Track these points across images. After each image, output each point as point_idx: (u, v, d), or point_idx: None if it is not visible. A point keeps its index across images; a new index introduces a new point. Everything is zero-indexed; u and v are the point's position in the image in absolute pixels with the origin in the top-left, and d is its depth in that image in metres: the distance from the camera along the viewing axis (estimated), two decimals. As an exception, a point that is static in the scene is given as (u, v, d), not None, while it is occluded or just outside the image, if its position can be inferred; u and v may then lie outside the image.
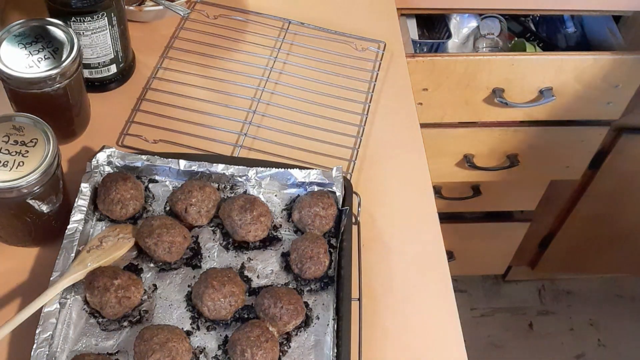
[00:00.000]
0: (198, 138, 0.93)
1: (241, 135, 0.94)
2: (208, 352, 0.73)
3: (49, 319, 0.71)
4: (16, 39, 0.82)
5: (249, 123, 0.95)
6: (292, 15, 1.09)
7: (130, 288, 0.73)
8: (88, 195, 0.80)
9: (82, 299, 0.75)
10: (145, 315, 0.75)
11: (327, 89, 1.00)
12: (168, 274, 0.78)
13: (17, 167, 0.72)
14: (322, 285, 0.78)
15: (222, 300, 0.73)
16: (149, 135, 0.92)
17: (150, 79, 0.99)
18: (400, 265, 0.84)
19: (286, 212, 0.85)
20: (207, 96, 0.98)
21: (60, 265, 0.75)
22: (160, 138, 0.92)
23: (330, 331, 0.75)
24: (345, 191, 0.84)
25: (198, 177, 0.85)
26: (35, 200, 0.75)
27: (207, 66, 1.02)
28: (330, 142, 0.94)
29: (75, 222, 0.78)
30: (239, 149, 0.92)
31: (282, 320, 0.73)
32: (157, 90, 0.98)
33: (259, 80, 1.01)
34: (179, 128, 0.94)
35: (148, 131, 0.93)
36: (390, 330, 0.78)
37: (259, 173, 0.85)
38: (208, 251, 0.81)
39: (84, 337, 0.73)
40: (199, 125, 0.94)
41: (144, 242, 0.77)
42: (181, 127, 0.94)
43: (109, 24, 0.89)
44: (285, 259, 0.80)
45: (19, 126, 0.75)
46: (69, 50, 0.81)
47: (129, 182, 0.81)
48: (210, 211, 0.82)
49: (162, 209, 0.83)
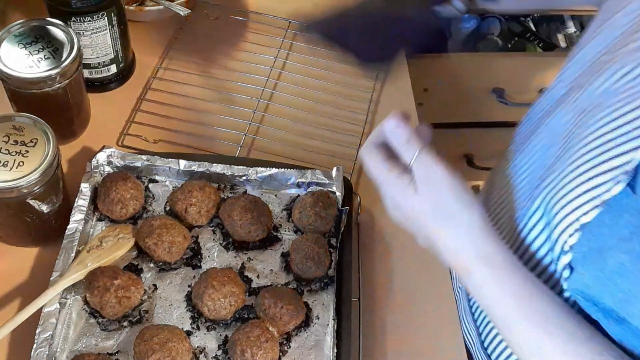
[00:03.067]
0: (199, 138, 0.93)
1: (243, 135, 0.94)
2: (208, 352, 0.73)
3: (49, 319, 0.71)
4: (16, 39, 0.82)
5: (250, 123, 0.95)
6: (294, 16, 1.09)
7: (130, 288, 0.73)
8: (88, 195, 0.80)
9: (82, 299, 0.75)
10: (145, 315, 0.75)
11: (328, 88, 1.00)
12: (168, 274, 0.78)
13: (17, 167, 0.72)
14: (322, 285, 0.78)
15: (222, 300, 0.73)
16: (150, 135, 0.92)
17: (150, 78, 0.99)
18: (400, 265, 0.84)
19: (286, 212, 0.85)
20: (208, 96, 0.98)
21: (60, 265, 0.75)
22: (161, 138, 0.92)
23: (330, 331, 0.75)
24: (345, 191, 0.84)
25: (198, 177, 0.85)
26: (35, 200, 0.75)
27: (207, 66, 1.02)
28: (332, 142, 0.94)
29: (75, 222, 0.78)
30: (240, 148, 0.92)
31: (282, 320, 0.73)
32: (158, 90, 0.98)
33: (260, 80, 1.01)
34: (180, 128, 0.94)
35: (148, 131, 0.93)
36: (390, 330, 0.78)
37: (259, 173, 0.85)
38: (208, 251, 0.81)
39: (84, 337, 0.73)
40: (199, 124, 0.94)
41: (144, 242, 0.77)
42: (182, 127, 0.94)
43: (109, 24, 0.89)
44: (285, 259, 0.80)
45: (19, 126, 0.75)
46: (69, 50, 0.81)
47: (129, 182, 0.81)
48: (210, 211, 0.82)
49: (162, 209, 0.83)
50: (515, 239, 0.68)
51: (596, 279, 0.56)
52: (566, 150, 0.61)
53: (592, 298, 0.57)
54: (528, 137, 0.74)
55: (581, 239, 0.57)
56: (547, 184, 0.62)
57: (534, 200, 0.64)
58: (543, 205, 0.62)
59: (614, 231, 0.54)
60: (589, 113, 0.60)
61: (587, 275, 0.57)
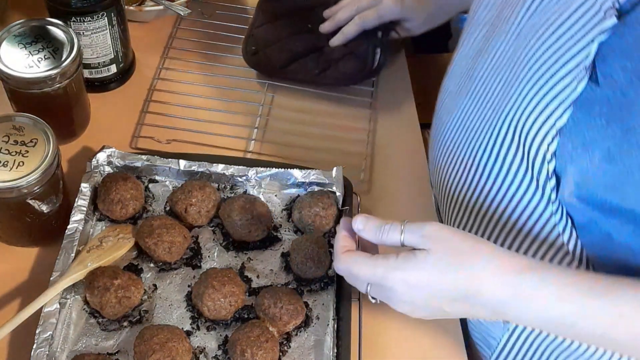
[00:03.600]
0: (209, 135, 0.93)
1: (252, 128, 0.95)
2: (208, 352, 0.73)
3: (49, 319, 0.71)
4: (16, 39, 0.82)
5: (260, 116, 0.96)
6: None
7: (130, 288, 0.73)
8: (88, 195, 0.80)
9: (82, 299, 0.75)
10: (145, 315, 0.75)
11: (329, 88, 1.01)
12: (168, 274, 0.78)
13: (17, 167, 0.72)
14: (322, 285, 0.78)
15: (222, 300, 0.73)
16: (161, 136, 0.92)
17: (154, 80, 1.00)
18: (400, 265, 0.84)
19: (286, 212, 0.85)
20: (213, 93, 0.99)
21: (60, 265, 0.75)
22: (172, 138, 0.92)
23: (330, 331, 0.75)
24: (345, 191, 0.84)
25: (198, 177, 0.85)
26: (35, 200, 0.75)
27: (209, 64, 1.03)
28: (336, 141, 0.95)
29: (75, 222, 0.78)
30: (254, 142, 0.93)
31: (282, 320, 0.73)
32: (162, 90, 0.99)
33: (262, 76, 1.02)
34: (189, 127, 0.94)
35: (159, 132, 0.93)
36: (390, 330, 0.78)
37: (259, 173, 0.85)
38: (208, 251, 0.81)
39: (84, 337, 0.73)
40: (208, 122, 0.95)
41: (144, 242, 0.77)
42: (191, 125, 0.94)
43: (109, 24, 0.89)
44: (285, 259, 0.80)
45: (19, 126, 0.75)
46: (69, 50, 0.81)
47: (129, 182, 0.81)
48: (210, 211, 0.82)
49: (162, 209, 0.83)
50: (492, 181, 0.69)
51: (586, 174, 0.58)
52: (517, 73, 0.64)
53: (585, 197, 0.60)
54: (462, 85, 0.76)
55: (562, 142, 0.59)
56: (510, 109, 0.64)
57: (500, 130, 0.66)
58: (511, 129, 0.64)
59: (591, 124, 0.57)
60: (529, 34, 0.63)
61: (577, 174, 0.59)
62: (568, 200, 0.62)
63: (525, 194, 0.66)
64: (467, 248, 0.59)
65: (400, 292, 0.60)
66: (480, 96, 0.71)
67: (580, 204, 0.61)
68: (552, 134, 0.59)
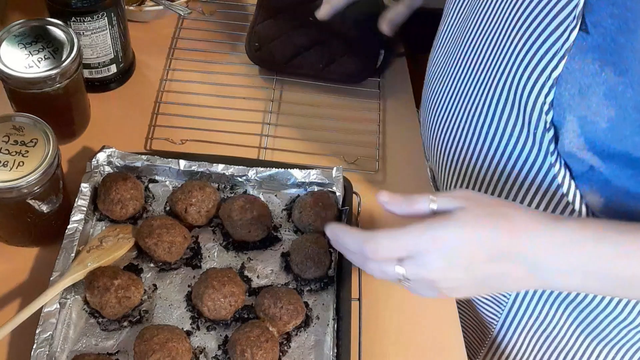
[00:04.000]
0: (222, 133, 0.93)
1: (265, 124, 0.95)
2: (208, 352, 0.73)
3: (49, 319, 0.71)
4: (16, 39, 0.82)
5: (270, 112, 0.97)
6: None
7: (130, 288, 0.73)
8: (88, 195, 0.80)
9: (82, 299, 0.75)
10: (145, 315, 0.75)
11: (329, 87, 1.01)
12: (168, 274, 0.78)
13: (17, 167, 0.72)
14: (322, 285, 0.78)
15: (222, 300, 0.73)
16: (174, 136, 0.92)
17: (162, 81, 1.00)
18: (400, 265, 0.84)
19: (286, 212, 0.85)
20: (222, 92, 0.99)
21: (60, 265, 0.75)
22: (186, 138, 0.92)
23: (330, 331, 0.75)
24: (345, 191, 0.84)
25: (198, 177, 0.85)
26: (35, 200, 0.75)
27: (214, 63, 1.03)
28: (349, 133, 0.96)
29: (75, 222, 0.78)
30: (267, 138, 0.94)
31: (282, 320, 0.73)
32: (171, 91, 0.99)
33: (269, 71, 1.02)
34: (202, 126, 0.94)
35: (173, 133, 0.93)
36: (390, 330, 0.78)
37: (259, 173, 0.85)
38: (208, 251, 0.81)
39: (84, 337, 0.73)
40: (220, 120, 0.95)
41: (144, 242, 0.77)
42: (204, 124, 0.94)
43: (109, 24, 0.89)
44: (285, 259, 0.80)
45: (19, 126, 0.75)
46: (69, 50, 0.81)
47: (129, 182, 0.81)
48: (210, 211, 0.82)
49: (162, 209, 0.83)
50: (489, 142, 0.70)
51: (585, 120, 0.60)
52: (507, 32, 0.65)
53: (586, 144, 0.61)
54: (452, 54, 0.76)
55: (558, 92, 0.61)
56: (505, 68, 0.65)
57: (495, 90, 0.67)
58: (506, 87, 0.66)
59: (585, 71, 0.58)
60: None
61: (576, 122, 0.61)
62: (568, 150, 0.63)
63: (523, 150, 0.67)
64: (500, 203, 0.60)
65: (438, 257, 0.58)
66: (472, 60, 0.72)
67: (580, 152, 0.62)
68: (549, 84, 0.61)
